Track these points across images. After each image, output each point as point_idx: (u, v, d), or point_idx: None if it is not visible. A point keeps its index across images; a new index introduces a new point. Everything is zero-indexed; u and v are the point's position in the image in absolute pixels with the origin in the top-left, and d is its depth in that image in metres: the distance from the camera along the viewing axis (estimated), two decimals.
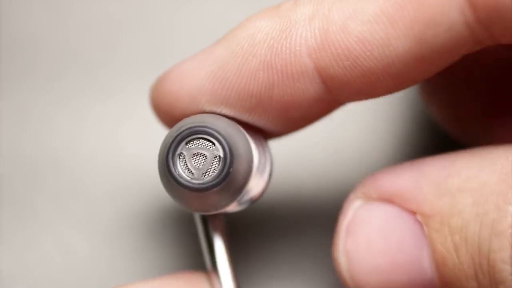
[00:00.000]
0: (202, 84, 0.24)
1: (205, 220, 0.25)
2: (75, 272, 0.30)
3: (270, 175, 0.25)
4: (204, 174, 0.21)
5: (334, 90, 0.23)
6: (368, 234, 0.22)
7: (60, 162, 0.32)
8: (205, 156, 0.21)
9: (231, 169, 0.21)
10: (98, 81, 0.33)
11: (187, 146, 0.22)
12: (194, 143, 0.22)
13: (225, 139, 0.21)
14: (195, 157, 0.21)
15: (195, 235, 0.31)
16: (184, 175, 0.21)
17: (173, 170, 0.21)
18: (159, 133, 0.32)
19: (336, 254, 0.23)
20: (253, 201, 0.24)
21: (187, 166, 0.21)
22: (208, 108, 0.24)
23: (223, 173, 0.21)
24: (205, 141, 0.21)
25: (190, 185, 0.21)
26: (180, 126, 0.22)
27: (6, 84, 0.33)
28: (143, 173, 0.32)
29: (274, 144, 0.28)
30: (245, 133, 0.23)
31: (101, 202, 0.31)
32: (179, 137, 0.21)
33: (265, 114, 0.24)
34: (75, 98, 0.33)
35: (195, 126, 0.21)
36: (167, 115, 0.25)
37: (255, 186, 0.23)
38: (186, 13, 0.34)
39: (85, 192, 0.31)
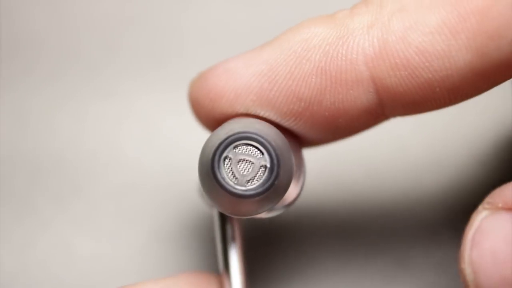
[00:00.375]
0: (250, 83, 0.23)
1: (223, 221, 0.25)
2: (76, 272, 0.30)
3: (303, 183, 0.24)
4: (248, 182, 0.21)
5: (386, 101, 0.23)
6: (493, 244, 0.21)
7: (61, 161, 0.32)
8: (252, 163, 0.21)
9: (276, 182, 0.21)
10: (99, 80, 0.33)
11: (234, 151, 0.21)
12: (243, 148, 0.21)
13: (274, 150, 0.21)
14: (241, 163, 0.21)
15: (197, 234, 0.31)
16: (228, 179, 0.21)
17: (217, 172, 0.21)
18: (160, 132, 0.32)
19: (462, 266, 0.22)
20: (284, 208, 0.24)
21: (231, 171, 0.21)
22: (252, 109, 0.24)
23: (267, 184, 0.21)
24: (253, 149, 0.21)
25: (233, 190, 0.21)
26: (230, 129, 0.21)
27: (7, 83, 0.33)
28: (144, 172, 0.32)
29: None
30: (287, 142, 0.22)
31: (102, 201, 0.31)
32: (228, 140, 0.21)
33: (311, 120, 0.23)
34: (76, 97, 0.33)
35: (246, 132, 0.21)
36: (207, 112, 0.24)
37: (289, 194, 0.23)
38: (187, 12, 0.34)
39: (86, 191, 0.31)
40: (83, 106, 0.33)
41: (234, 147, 0.21)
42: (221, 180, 0.21)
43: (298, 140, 0.25)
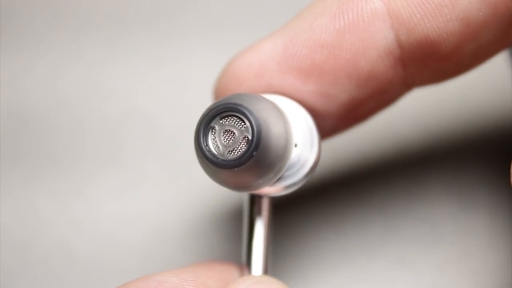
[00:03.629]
0: (274, 47, 0.25)
1: (252, 202, 0.25)
2: (76, 272, 0.30)
3: (316, 161, 0.25)
4: (230, 152, 0.21)
5: (402, 37, 0.24)
6: None
7: (61, 161, 0.32)
8: (234, 134, 0.21)
9: (254, 153, 0.21)
10: (100, 80, 0.33)
11: (220, 122, 0.22)
12: (228, 120, 0.22)
13: (256, 121, 0.21)
14: (226, 133, 0.22)
15: (197, 234, 0.31)
16: (212, 149, 0.22)
17: (202, 143, 0.21)
18: (160, 132, 0.32)
19: None
20: (296, 185, 0.24)
21: (215, 141, 0.22)
22: (277, 76, 0.25)
23: (247, 155, 0.21)
24: (237, 119, 0.22)
25: (214, 160, 0.21)
26: (218, 102, 0.22)
27: (7, 80, 0.33)
28: (145, 171, 0.32)
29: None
30: (286, 116, 0.23)
31: (102, 201, 0.31)
32: (212, 112, 0.22)
33: (334, 70, 0.24)
34: (77, 97, 0.33)
35: (229, 103, 0.21)
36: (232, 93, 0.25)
37: (298, 170, 0.24)
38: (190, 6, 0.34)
39: (86, 191, 0.31)
40: (84, 105, 0.33)
41: (221, 118, 0.22)
42: (205, 150, 0.21)
43: (314, 115, 0.25)
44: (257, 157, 0.21)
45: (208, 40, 0.34)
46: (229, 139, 0.22)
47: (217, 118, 0.22)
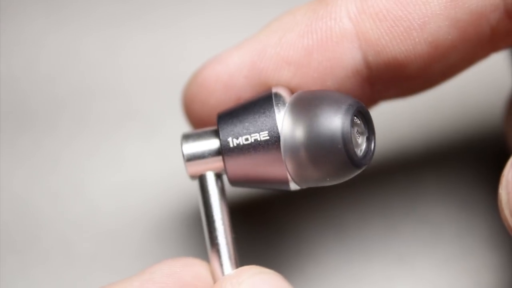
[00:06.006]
0: (241, 60, 0.25)
1: (206, 198, 0.24)
2: (76, 272, 0.30)
3: None
4: (360, 151, 0.22)
5: (370, 58, 0.24)
6: None
7: (61, 161, 0.32)
8: (360, 134, 0.22)
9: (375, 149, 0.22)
10: (101, 81, 0.33)
11: (355, 121, 0.22)
12: (356, 120, 0.22)
13: (372, 121, 0.22)
14: (357, 134, 0.22)
15: (197, 234, 0.31)
16: (354, 148, 0.21)
17: (350, 141, 0.21)
18: (160, 134, 0.32)
19: (500, 191, 0.22)
20: None
21: (353, 140, 0.21)
22: (245, 89, 0.25)
23: (372, 153, 0.22)
24: (359, 120, 0.22)
25: (357, 159, 0.21)
26: (345, 101, 0.21)
27: (7, 80, 0.34)
28: (144, 172, 0.32)
29: None
30: None
31: (102, 201, 0.31)
32: (354, 110, 0.21)
33: (300, 88, 0.24)
34: (78, 97, 0.33)
35: (361, 103, 0.22)
36: (201, 105, 0.25)
37: None
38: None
39: (86, 190, 0.31)
40: (84, 104, 0.33)
41: (355, 117, 0.22)
42: (351, 149, 0.21)
43: None
44: None
45: (209, 39, 0.34)
46: (358, 138, 0.22)
47: (353, 117, 0.21)
